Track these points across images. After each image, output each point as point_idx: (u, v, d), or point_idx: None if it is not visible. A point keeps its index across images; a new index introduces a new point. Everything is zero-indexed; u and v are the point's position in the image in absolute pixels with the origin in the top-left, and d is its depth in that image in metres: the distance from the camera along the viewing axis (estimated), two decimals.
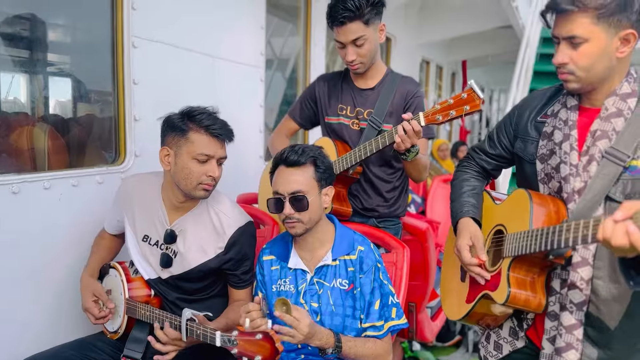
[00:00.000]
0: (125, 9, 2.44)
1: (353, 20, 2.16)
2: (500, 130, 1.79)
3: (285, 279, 1.96)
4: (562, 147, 1.52)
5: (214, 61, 3.04)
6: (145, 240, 2.07)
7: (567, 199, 1.49)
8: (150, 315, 1.95)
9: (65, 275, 2.25)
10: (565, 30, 1.43)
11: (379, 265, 1.90)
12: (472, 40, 7.51)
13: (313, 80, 2.59)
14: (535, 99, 1.70)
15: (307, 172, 1.86)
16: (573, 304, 1.47)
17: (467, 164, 1.90)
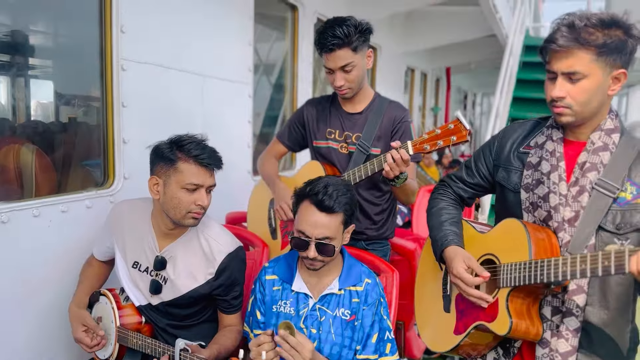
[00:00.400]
0: (114, 32, 2.44)
1: (341, 47, 2.19)
2: (478, 159, 1.83)
3: (286, 300, 1.96)
4: (551, 177, 1.56)
5: (203, 79, 3.06)
6: (135, 267, 2.08)
7: (557, 228, 1.53)
8: (142, 344, 1.95)
9: (54, 303, 2.25)
10: (565, 65, 1.47)
11: (382, 300, 1.92)
12: (456, 48, 7.60)
13: (299, 86, 2.62)
14: (516, 131, 1.75)
15: (337, 219, 1.84)
16: (569, 330, 1.51)
17: (443, 192, 1.91)
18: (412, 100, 8.05)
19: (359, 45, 2.22)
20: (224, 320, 2.10)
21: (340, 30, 2.16)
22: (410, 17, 6.40)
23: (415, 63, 7.68)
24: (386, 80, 6.35)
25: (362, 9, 5.02)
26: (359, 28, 2.20)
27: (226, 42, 3.30)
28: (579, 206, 1.51)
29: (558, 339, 1.52)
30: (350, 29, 2.17)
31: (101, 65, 2.46)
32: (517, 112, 7.06)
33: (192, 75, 2.97)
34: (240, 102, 3.49)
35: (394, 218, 2.51)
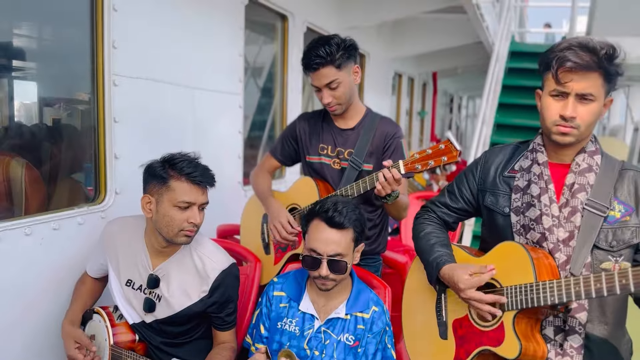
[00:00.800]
0: (106, 48, 2.43)
1: (325, 66, 2.23)
2: (461, 184, 1.86)
3: (292, 319, 1.97)
4: (542, 199, 1.60)
5: (193, 92, 3.06)
6: (128, 285, 2.08)
7: (552, 249, 1.57)
8: None
9: (47, 320, 2.23)
10: (581, 86, 1.49)
11: (387, 329, 1.95)
12: (443, 54, 7.67)
13: (289, 95, 2.63)
14: (498, 156, 1.79)
15: (348, 235, 1.88)
16: (573, 348, 1.55)
17: (428, 217, 1.93)
18: (399, 104, 8.10)
19: (343, 62, 2.25)
20: (218, 337, 2.11)
21: (323, 49, 2.21)
22: (398, 24, 6.45)
23: (402, 68, 7.73)
24: (374, 86, 6.39)
25: (351, 18, 5.06)
26: (342, 46, 2.24)
27: (217, 53, 3.31)
28: (573, 226, 1.56)
29: (563, 357, 1.55)
30: (333, 47, 2.22)
31: (93, 80, 2.45)
32: (502, 117, 7.12)
33: (182, 87, 2.97)
34: (231, 112, 3.49)
35: (385, 233, 2.54)
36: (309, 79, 2.33)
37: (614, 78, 1.51)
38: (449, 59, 8.58)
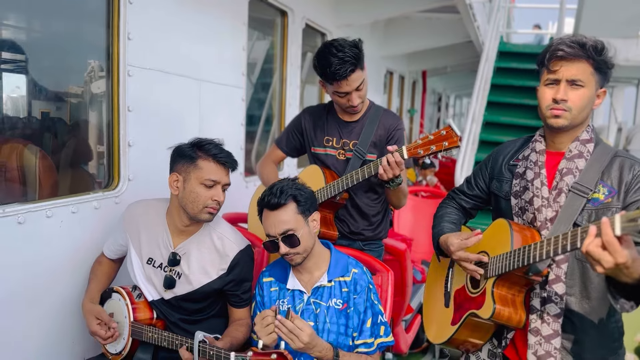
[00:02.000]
0: (122, 39, 2.52)
1: (355, 70, 2.30)
2: (477, 174, 2.03)
3: (283, 299, 2.10)
4: (534, 183, 1.76)
5: (199, 84, 3.15)
6: (149, 263, 2.18)
7: (540, 227, 1.71)
8: (158, 337, 2.06)
9: (66, 299, 2.33)
10: (571, 73, 1.65)
11: (371, 287, 2.08)
12: (433, 52, 7.82)
13: (288, 89, 2.70)
14: (508, 147, 1.96)
15: (290, 210, 1.99)
16: (550, 315, 1.69)
17: (449, 202, 2.12)
18: (390, 102, 8.24)
19: (362, 64, 2.34)
20: (235, 314, 2.22)
21: (349, 54, 2.25)
22: (391, 22, 6.58)
23: (394, 66, 7.87)
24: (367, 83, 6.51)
25: (347, 16, 5.18)
26: (356, 46, 2.31)
27: (221, 48, 3.41)
28: (558, 206, 1.70)
29: (542, 323, 1.70)
30: (354, 50, 2.27)
31: (108, 71, 2.54)
32: (491, 116, 7.28)
33: (190, 79, 3.06)
34: (234, 105, 3.60)
35: (387, 220, 2.67)
36: (330, 86, 2.36)
37: (604, 69, 1.66)
38: (439, 58, 8.74)
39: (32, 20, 2.67)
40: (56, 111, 2.83)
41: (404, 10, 5.47)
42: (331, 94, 2.44)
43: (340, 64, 2.25)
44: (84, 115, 2.91)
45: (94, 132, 2.83)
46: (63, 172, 2.76)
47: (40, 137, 2.75)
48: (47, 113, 2.86)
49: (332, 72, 2.27)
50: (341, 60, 2.25)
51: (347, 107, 2.43)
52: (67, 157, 2.84)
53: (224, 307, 2.26)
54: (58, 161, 2.73)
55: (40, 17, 2.65)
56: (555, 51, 1.67)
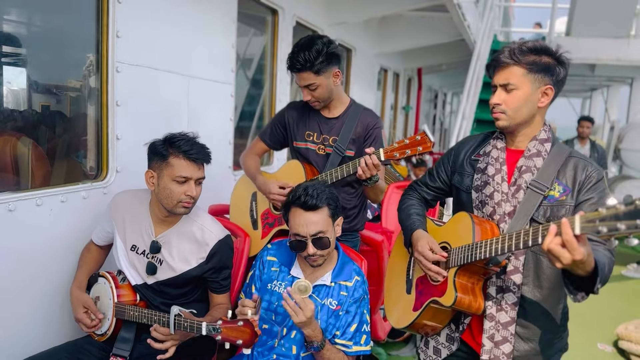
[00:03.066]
0: (111, 36, 2.64)
1: (303, 71, 2.46)
2: (439, 167, 2.13)
3: (282, 282, 2.23)
4: (495, 179, 1.87)
5: (189, 80, 3.27)
6: (133, 250, 2.31)
7: (499, 220, 1.83)
8: (139, 315, 2.18)
9: (56, 284, 2.46)
10: (502, 78, 1.82)
11: (365, 297, 2.22)
12: (427, 50, 7.92)
13: (278, 85, 2.81)
14: (469, 142, 2.07)
15: (324, 213, 2.11)
16: (508, 304, 1.81)
17: (411, 194, 2.21)
18: (384, 99, 8.34)
19: (322, 68, 2.46)
20: (215, 299, 2.34)
21: (302, 56, 2.42)
22: (384, 21, 6.68)
23: (388, 63, 7.97)
24: (360, 80, 6.62)
25: (339, 14, 5.28)
26: (322, 52, 2.43)
27: (211, 45, 3.52)
28: (516, 202, 1.82)
29: (499, 311, 1.82)
30: (313, 54, 2.42)
31: (98, 67, 2.66)
32: (482, 113, 7.39)
33: (179, 76, 3.18)
34: (223, 101, 3.71)
35: (364, 213, 2.79)
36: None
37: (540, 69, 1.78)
38: (433, 56, 8.83)
39: (27, 15, 2.78)
40: (56, 104, 2.96)
41: (395, 9, 5.57)
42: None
43: (293, 59, 2.44)
44: (82, 108, 3.02)
45: (89, 125, 2.94)
46: (56, 163, 2.88)
47: (34, 129, 2.87)
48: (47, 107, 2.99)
49: (288, 62, 2.49)
50: (296, 57, 2.43)
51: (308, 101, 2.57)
52: (61, 149, 2.97)
53: (205, 293, 2.38)
54: (51, 152, 2.86)
55: (35, 13, 2.77)
56: (492, 62, 1.86)
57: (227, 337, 1.89)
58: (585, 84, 13.97)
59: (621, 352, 4.40)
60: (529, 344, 1.84)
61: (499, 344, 1.81)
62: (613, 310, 5.21)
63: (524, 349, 1.84)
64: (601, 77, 11.02)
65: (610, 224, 1.31)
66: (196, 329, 1.94)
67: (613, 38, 8.33)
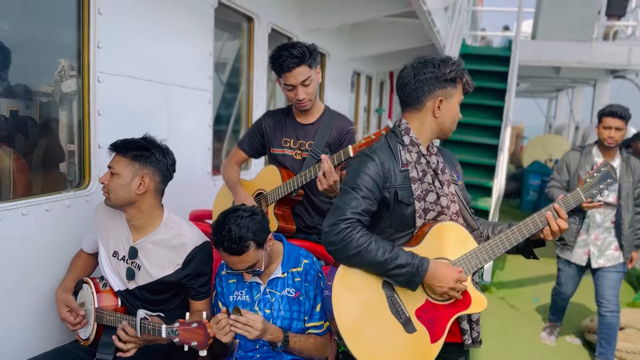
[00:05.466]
0: (92, 47, 2.69)
1: (300, 65, 2.56)
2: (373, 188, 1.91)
3: (241, 290, 2.32)
4: (435, 184, 1.99)
5: (167, 88, 3.33)
6: (115, 256, 2.37)
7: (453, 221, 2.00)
8: (115, 319, 2.26)
9: (42, 292, 2.50)
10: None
11: (320, 275, 2.31)
12: (398, 55, 8.07)
13: (255, 91, 2.90)
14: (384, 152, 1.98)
15: (251, 249, 2.13)
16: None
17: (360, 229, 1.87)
18: (358, 101, 8.48)
19: (313, 62, 2.60)
20: (194, 306, 2.39)
21: (296, 50, 2.53)
22: (356, 27, 6.81)
23: (361, 67, 8.12)
24: (335, 84, 6.74)
25: (313, 21, 5.39)
26: (310, 49, 2.58)
27: (188, 53, 3.58)
28: (457, 198, 2.04)
29: None
30: (304, 49, 2.55)
31: (79, 77, 2.71)
32: None
33: (158, 84, 3.24)
34: (201, 107, 3.78)
35: None
36: (281, 79, 2.62)
37: None
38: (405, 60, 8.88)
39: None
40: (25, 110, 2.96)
41: (367, 15, 5.69)
42: (283, 89, 2.67)
43: (287, 57, 2.52)
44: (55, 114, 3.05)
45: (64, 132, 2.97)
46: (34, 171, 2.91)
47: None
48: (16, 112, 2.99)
49: (280, 63, 2.54)
50: (289, 53, 2.52)
51: (296, 102, 2.65)
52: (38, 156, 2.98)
53: (186, 300, 2.43)
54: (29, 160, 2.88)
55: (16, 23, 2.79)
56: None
57: (184, 339, 1.97)
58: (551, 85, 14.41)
59: (588, 344, 4.62)
60: None
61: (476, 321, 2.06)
62: (579, 304, 5.45)
63: None
64: (566, 78, 11.41)
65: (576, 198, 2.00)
66: (157, 332, 2.03)
67: (576, 41, 8.64)
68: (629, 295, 6.00)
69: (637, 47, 8.55)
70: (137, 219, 2.30)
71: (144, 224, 2.32)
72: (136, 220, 2.31)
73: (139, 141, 2.31)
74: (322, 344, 2.29)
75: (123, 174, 2.23)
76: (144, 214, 2.30)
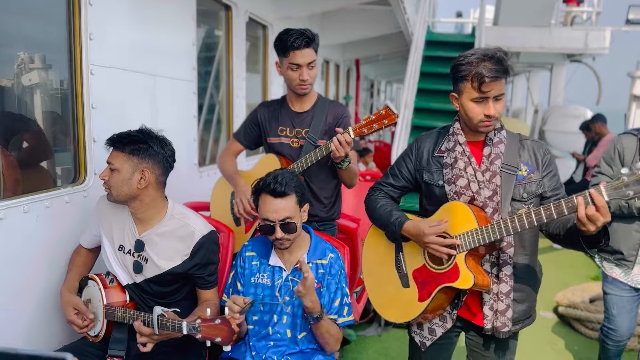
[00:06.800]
0: (84, 39, 2.63)
1: (309, 46, 2.62)
2: (401, 167, 2.25)
3: (263, 273, 2.34)
4: (467, 171, 2.07)
5: (154, 79, 3.29)
6: (120, 250, 2.34)
7: (483, 206, 2.04)
8: (127, 316, 2.23)
9: (46, 289, 2.46)
10: (496, 91, 1.95)
11: (342, 271, 2.37)
12: (365, 42, 8.17)
13: (235, 81, 2.99)
14: (426, 141, 2.22)
15: (292, 200, 2.24)
16: (507, 275, 2.03)
17: (378, 193, 2.30)
18: (327, 89, 8.54)
19: (317, 49, 2.67)
20: (202, 295, 2.39)
21: (307, 32, 2.61)
22: (327, 15, 6.85)
23: (330, 56, 8.17)
24: None
25: (286, 9, 5.39)
26: (315, 36, 2.66)
27: (173, 43, 3.54)
28: (495, 186, 2.03)
29: (499, 284, 2.03)
30: (313, 34, 2.63)
31: (71, 70, 2.65)
32: (421, 102, 7.68)
33: (146, 75, 3.19)
34: (186, 98, 3.74)
35: (339, 202, 2.95)
36: (286, 58, 2.64)
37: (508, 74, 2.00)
38: (371, 47, 9.11)
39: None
40: None
41: (339, 3, 5.74)
42: (285, 70, 2.69)
43: (298, 36, 2.58)
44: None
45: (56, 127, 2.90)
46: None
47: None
48: None
49: (290, 41, 2.59)
50: (300, 33, 2.59)
51: (298, 84, 2.69)
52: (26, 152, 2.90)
53: (193, 291, 2.42)
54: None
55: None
56: (482, 76, 1.92)
57: (207, 335, 1.95)
58: None
59: (561, 317, 4.86)
60: (524, 303, 2.10)
61: (503, 312, 2.03)
62: (550, 280, 5.70)
63: (521, 309, 2.09)
64: (524, 63, 11.77)
65: (635, 188, 1.63)
66: (177, 329, 2.00)
67: (536, 27, 8.92)
68: (592, 269, 6.33)
69: (594, 32, 8.91)
70: (142, 212, 2.29)
71: (149, 216, 2.30)
72: (140, 213, 2.29)
73: (136, 134, 2.27)
74: (340, 335, 2.34)
75: (123, 169, 2.21)
76: (148, 207, 2.28)
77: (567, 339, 4.47)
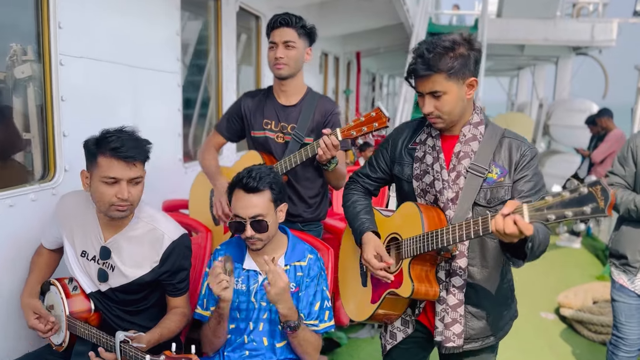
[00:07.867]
0: (52, 27, 2.47)
1: (287, 26, 2.51)
2: (378, 157, 2.12)
3: (238, 278, 2.18)
4: (434, 167, 1.89)
5: (134, 71, 3.13)
6: (83, 256, 2.16)
7: (444, 207, 1.87)
8: (89, 333, 2.06)
9: (6, 293, 2.31)
10: (427, 87, 1.79)
11: (322, 273, 2.21)
12: (366, 34, 7.98)
13: (224, 72, 2.80)
14: (404, 131, 2.05)
15: (265, 197, 2.08)
16: (455, 287, 1.86)
17: (353, 187, 2.19)
18: (326, 83, 8.36)
19: (301, 33, 2.54)
20: (171, 302, 2.23)
21: (290, 15, 2.53)
22: (325, 5, 6.66)
23: (329, 48, 7.98)
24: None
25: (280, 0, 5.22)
26: (303, 23, 2.56)
27: (155, 33, 3.38)
28: (458, 187, 1.85)
29: (447, 294, 1.87)
30: (297, 18, 2.54)
31: (40, 60, 2.49)
32: None
33: (124, 66, 3.04)
34: (170, 91, 3.59)
35: (325, 202, 2.79)
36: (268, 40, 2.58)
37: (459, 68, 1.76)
38: (372, 39, 8.91)
39: None
40: None
41: None
42: (268, 54, 2.61)
43: (279, 16, 2.53)
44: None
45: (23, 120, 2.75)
46: None
47: None
48: None
49: (272, 22, 2.55)
50: (283, 15, 2.54)
51: (273, 64, 2.57)
52: None
53: (163, 297, 2.25)
54: None
55: None
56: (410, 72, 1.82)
57: None
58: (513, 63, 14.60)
59: (562, 319, 4.69)
60: (482, 320, 1.92)
61: (449, 325, 1.86)
62: (552, 279, 5.54)
63: (478, 326, 1.91)
64: (529, 56, 11.55)
65: (557, 212, 1.40)
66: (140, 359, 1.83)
67: (541, 19, 8.71)
68: (597, 268, 6.15)
69: (600, 24, 8.69)
70: None
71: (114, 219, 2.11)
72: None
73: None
74: (319, 343, 2.19)
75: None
76: None
77: (568, 342, 4.30)
